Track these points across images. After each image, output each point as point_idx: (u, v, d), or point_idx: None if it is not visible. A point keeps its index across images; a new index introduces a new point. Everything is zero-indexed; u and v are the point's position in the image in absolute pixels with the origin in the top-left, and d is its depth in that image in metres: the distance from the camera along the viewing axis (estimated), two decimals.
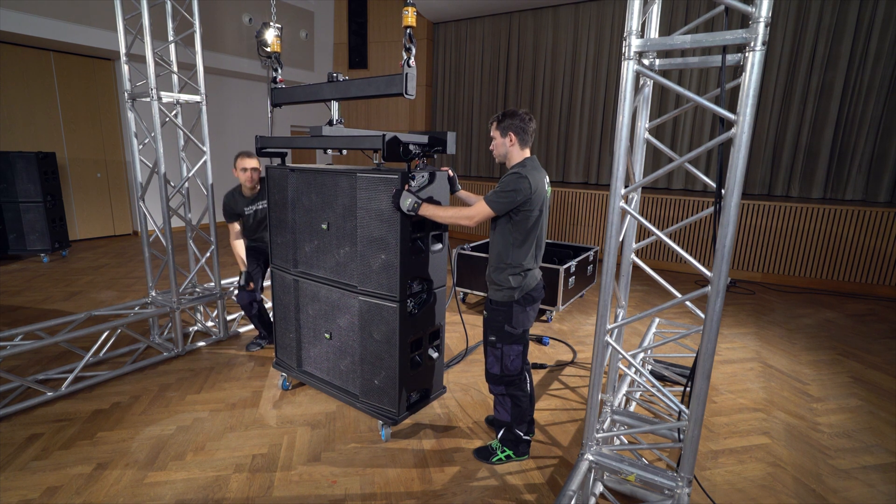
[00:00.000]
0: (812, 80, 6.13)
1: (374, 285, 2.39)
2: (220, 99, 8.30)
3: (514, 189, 2.03)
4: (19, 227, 5.88)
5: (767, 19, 1.34)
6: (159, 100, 3.19)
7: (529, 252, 2.16)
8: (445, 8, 8.39)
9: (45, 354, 3.39)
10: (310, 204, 2.66)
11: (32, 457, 2.30)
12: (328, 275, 2.64)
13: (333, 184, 2.50)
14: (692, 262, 1.64)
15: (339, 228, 2.52)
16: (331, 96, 2.51)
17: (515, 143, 2.16)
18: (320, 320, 2.75)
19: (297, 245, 2.79)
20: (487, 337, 2.27)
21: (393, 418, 2.45)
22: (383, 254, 2.33)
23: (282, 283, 2.92)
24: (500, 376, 2.26)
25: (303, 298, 2.82)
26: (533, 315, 2.25)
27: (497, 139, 2.19)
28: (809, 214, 5.50)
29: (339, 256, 2.56)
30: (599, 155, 7.88)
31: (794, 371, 3.44)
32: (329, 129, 2.45)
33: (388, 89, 2.26)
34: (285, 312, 2.94)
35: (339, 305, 2.61)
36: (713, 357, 1.61)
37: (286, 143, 2.70)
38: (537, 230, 2.16)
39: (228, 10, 7.83)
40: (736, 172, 1.44)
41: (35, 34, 5.69)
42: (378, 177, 2.29)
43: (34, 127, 6.56)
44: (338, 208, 2.51)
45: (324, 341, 2.76)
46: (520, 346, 2.25)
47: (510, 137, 2.15)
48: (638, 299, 5.05)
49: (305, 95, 2.64)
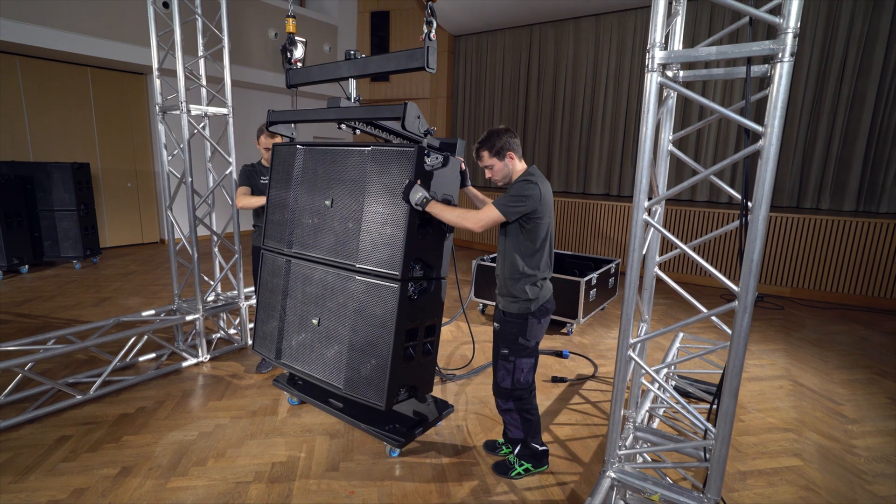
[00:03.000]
0: (843, 89, 5.97)
1: (375, 263, 2.27)
2: (246, 111, 8.52)
3: (526, 195, 2.02)
4: (54, 234, 6.11)
5: (796, 30, 1.31)
6: (188, 112, 3.29)
7: (543, 260, 2.15)
8: (466, 21, 8.48)
9: (74, 358, 3.49)
10: (315, 180, 2.54)
11: (61, 458, 2.36)
12: (325, 255, 2.50)
13: (343, 159, 2.42)
14: (718, 276, 1.60)
15: (344, 205, 2.41)
16: (349, 74, 2.40)
17: (515, 158, 2.15)
18: (310, 305, 2.58)
19: (294, 224, 2.66)
20: (499, 350, 2.22)
21: (379, 408, 2.27)
22: (389, 228, 2.22)
23: (272, 266, 2.77)
24: (510, 390, 2.22)
25: (293, 282, 2.66)
26: (545, 327, 2.23)
27: (496, 164, 2.15)
28: (842, 227, 5.32)
29: (340, 234, 2.43)
30: (621, 166, 7.81)
31: (826, 390, 3.31)
32: (346, 102, 2.39)
33: (408, 63, 2.16)
34: (271, 298, 2.77)
35: (333, 288, 2.46)
36: (741, 374, 1.56)
37: (299, 116, 2.57)
38: (549, 238, 2.15)
39: (255, 25, 8.07)
40: (764, 185, 1.41)
41: (75, 51, 5.96)
42: (392, 150, 2.21)
43: (71, 139, 6.85)
44: (345, 184, 2.40)
45: (310, 329, 2.57)
46: (532, 360, 2.21)
47: (509, 156, 2.13)
48: (661, 313, 4.95)
49: (323, 74, 2.51)
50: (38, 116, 6.49)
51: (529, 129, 8.67)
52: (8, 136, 6.24)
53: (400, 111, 2.10)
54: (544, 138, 8.51)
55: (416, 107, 2.13)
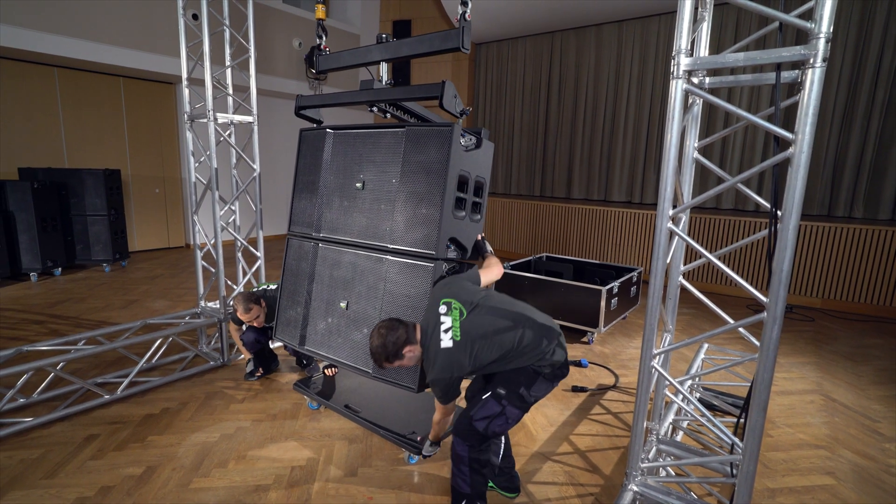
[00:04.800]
0: (877, 94, 5.77)
1: (410, 243, 2.24)
2: (270, 118, 8.70)
3: (448, 378, 1.85)
4: (86, 238, 6.32)
5: (828, 35, 1.28)
6: (215, 121, 3.38)
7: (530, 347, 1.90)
8: (488, 28, 8.51)
9: (103, 359, 3.59)
10: (345, 163, 2.53)
11: (89, 456, 2.43)
12: (355, 237, 2.48)
13: (375, 141, 2.40)
14: (746, 286, 1.56)
15: (376, 187, 2.39)
16: (380, 57, 2.34)
17: (414, 348, 1.93)
18: (337, 290, 2.55)
19: (323, 208, 2.64)
20: (495, 388, 1.92)
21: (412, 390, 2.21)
22: (424, 208, 2.19)
23: (298, 251, 2.75)
24: (479, 434, 1.90)
25: (321, 266, 2.64)
26: (553, 388, 2.01)
27: (403, 364, 1.96)
28: (876, 237, 5.13)
29: (372, 216, 2.41)
30: (643, 173, 7.69)
31: (861, 406, 3.18)
32: (379, 84, 2.37)
33: (443, 45, 2.09)
34: (296, 284, 2.74)
35: (363, 270, 2.43)
36: (770, 388, 1.51)
37: (329, 100, 2.54)
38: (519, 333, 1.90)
39: (279, 35, 8.26)
40: (794, 194, 1.37)
41: (109, 62, 6.19)
42: (429, 129, 2.18)
43: (103, 146, 7.10)
44: (378, 165, 2.38)
45: (337, 313, 2.54)
46: (521, 413, 1.95)
47: (407, 351, 1.91)
48: (685, 323, 4.84)
49: (353, 59, 2.45)
50: (74, 124, 6.75)
51: (550, 136, 8.63)
52: (45, 144, 6.50)
53: (437, 90, 2.05)
54: (565, 145, 8.45)
55: (454, 86, 2.10)
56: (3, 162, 6.13)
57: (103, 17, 6.02)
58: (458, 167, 2.17)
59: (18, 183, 5.62)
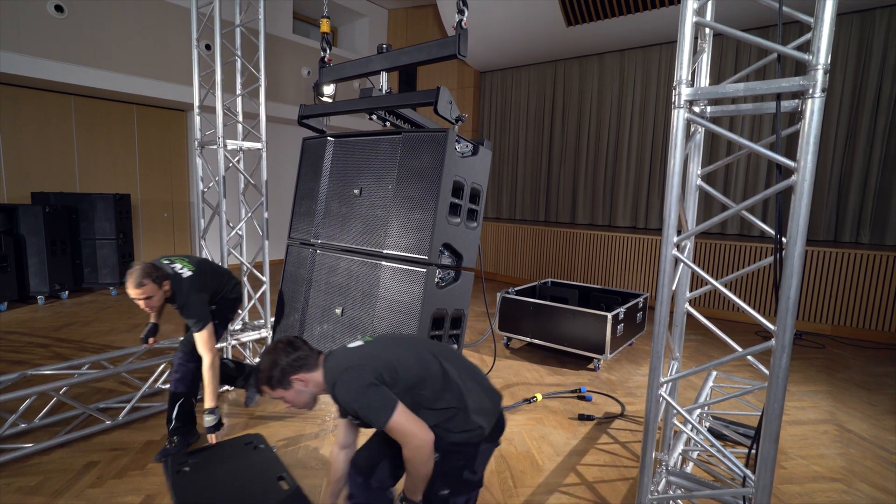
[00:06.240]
0: (878, 120, 5.82)
1: (403, 248, 2.24)
2: (278, 144, 8.86)
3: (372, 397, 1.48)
4: (94, 261, 6.38)
5: (826, 66, 1.30)
6: (225, 147, 3.45)
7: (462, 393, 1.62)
8: (492, 57, 8.71)
9: (106, 383, 3.57)
10: (344, 170, 2.56)
11: (88, 484, 2.39)
12: (352, 243, 2.50)
13: (373, 147, 2.43)
14: (753, 314, 1.54)
15: (373, 193, 2.41)
16: (381, 67, 2.41)
17: (309, 379, 1.60)
18: (333, 296, 2.56)
19: (322, 214, 2.67)
20: (437, 491, 1.60)
21: None
22: (417, 213, 2.19)
23: (297, 258, 2.78)
24: None
25: (318, 272, 2.66)
26: (495, 447, 1.75)
27: (287, 395, 1.61)
28: (884, 262, 5.08)
29: (368, 222, 2.42)
30: (647, 199, 7.73)
31: (876, 437, 3.10)
32: (378, 92, 2.41)
33: (440, 52, 2.12)
34: (294, 290, 2.75)
35: (358, 276, 2.44)
36: (781, 418, 1.48)
37: (329, 109, 2.58)
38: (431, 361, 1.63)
39: (288, 63, 8.50)
40: (799, 221, 1.37)
41: (124, 90, 6.37)
42: (423, 134, 2.20)
43: (115, 170, 7.24)
44: (375, 172, 2.40)
45: (332, 319, 2.53)
46: (475, 493, 1.71)
47: (298, 379, 1.59)
48: (692, 350, 4.77)
49: (355, 69, 2.53)
50: (87, 150, 6.90)
51: (554, 162, 8.72)
52: (59, 169, 6.64)
53: (433, 95, 2.08)
54: (569, 172, 8.53)
55: (448, 91, 2.12)
56: (18, 186, 6.26)
57: (120, 47, 6.23)
58: (452, 172, 2.18)
59: (31, 207, 5.71)
